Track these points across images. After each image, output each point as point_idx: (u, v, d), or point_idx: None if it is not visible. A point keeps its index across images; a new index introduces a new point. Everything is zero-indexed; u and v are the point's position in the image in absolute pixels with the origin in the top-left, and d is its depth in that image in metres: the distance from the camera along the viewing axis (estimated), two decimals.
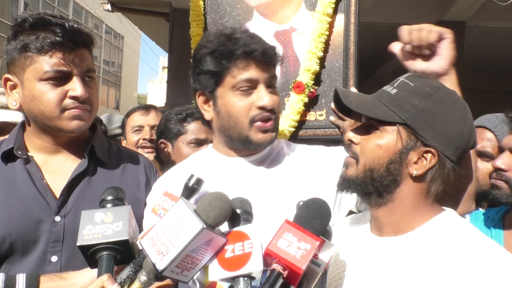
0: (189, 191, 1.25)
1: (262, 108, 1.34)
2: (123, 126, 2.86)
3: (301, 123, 2.02)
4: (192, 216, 0.96)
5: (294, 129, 1.98)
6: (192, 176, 1.27)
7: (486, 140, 1.94)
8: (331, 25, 1.97)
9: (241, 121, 1.35)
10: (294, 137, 2.01)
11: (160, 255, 0.95)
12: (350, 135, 1.17)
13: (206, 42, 1.39)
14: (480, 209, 2.03)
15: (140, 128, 2.68)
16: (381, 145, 1.09)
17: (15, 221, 1.33)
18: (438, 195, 1.12)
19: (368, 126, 1.14)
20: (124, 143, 2.83)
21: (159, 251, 0.96)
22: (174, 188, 1.29)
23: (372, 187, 1.11)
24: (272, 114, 1.35)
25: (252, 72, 1.34)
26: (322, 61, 1.97)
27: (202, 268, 1.03)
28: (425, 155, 1.07)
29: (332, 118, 1.93)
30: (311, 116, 2.00)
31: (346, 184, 1.15)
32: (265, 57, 1.34)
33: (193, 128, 2.16)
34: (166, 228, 0.98)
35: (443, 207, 1.15)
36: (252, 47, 1.34)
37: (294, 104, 1.96)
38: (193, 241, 0.93)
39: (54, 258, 1.37)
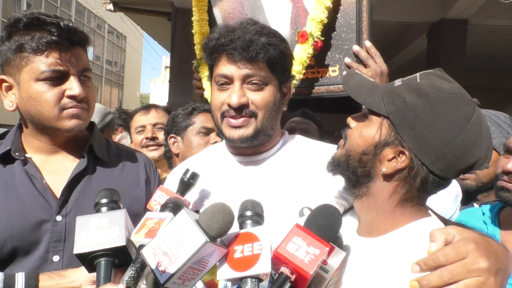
0: (184, 185, 1.25)
1: (229, 106, 1.30)
2: (128, 127, 2.92)
3: (314, 80, 1.93)
4: (195, 228, 0.94)
5: (298, 83, 1.89)
6: (187, 170, 1.26)
7: None
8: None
9: (215, 114, 1.38)
10: (307, 95, 1.95)
11: (162, 267, 0.93)
12: (349, 118, 1.15)
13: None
14: (475, 204, 2.03)
15: (142, 128, 2.70)
16: (362, 133, 1.08)
17: (15, 222, 1.32)
18: (412, 199, 1.06)
19: (365, 115, 1.12)
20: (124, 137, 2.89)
21: (161, 262, 0.94)
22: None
23: (348, 174, 1.10)
24: (239, 112, 1.30)
25: (223, 68, 1.31)
26: (330, 12, 1.85)
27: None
28: (400, 155, 1.02)
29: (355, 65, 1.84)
30: (324, 72, 1.92)
31: (331, 164, 1.16)
32: (236, 52, 1.27)
33: (200, 119, 2.26)
34: (169, 239, 0.96)
35: (429, 213, 1.10)
36: (221, 41, 1.30)
37: (297, 54, 1.85)
38: (195, 254, 0.92)
39: (56, 258, 1.35)
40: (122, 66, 34.70)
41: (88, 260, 1.07)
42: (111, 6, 8.21)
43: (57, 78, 1.35)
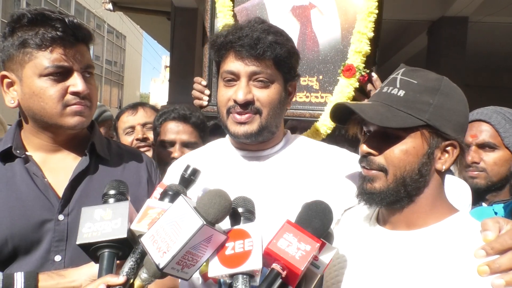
0: (185, 182, 1.25)
1: (235, 102, 1.32)
2: (115, 129, 2.77)
3: (317, 104, 1.94)
4: (192, 213, 0.94)
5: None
6: (188, 166, 1.26)
7: (484, 132, 1.91)
8: (380, 4, 1.87)
9: (221, 110, 1.39)
10: (309, 117, 1.95)
11: (161, 252, 0.94)
12: (367, 148, 1.13)
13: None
14: (484, 204, 2.02)
15: (131, 129, 2.55)
16: (409, 150, 1.08)
17: (17, 221, 1.30)
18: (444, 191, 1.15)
19: (381, 134, 1.11)
20: None
21: (160, 248, 0.94)
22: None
23: (405, 193, 1.10)
24: (244, 108, 1.32)
25: (230, 64, 1.34)
26: (372, 42, 1.86)
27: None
28: (446, 148, 1.10)
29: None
30: (328, 98, 1.95)
31: (373, 197, 1.11)
32: (243, 49, 1.30)
33: (163, 129, 2.08)
34: (167, 225, 0.97)
35: (455, 207, 1.16)
36: (229, 38, 1.32)
37: (343, 89, 1.87)
38: (193, 237, 0.92)
39: (57, 258, 1.34)
40: (122, 65, 34.71)
41: (92, 251, 1.06)
42: (110, 6, 8.21)
43: (60, 74, 1.33)
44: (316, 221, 1.00)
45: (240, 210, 1.05)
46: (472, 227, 1.05)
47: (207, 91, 1.97)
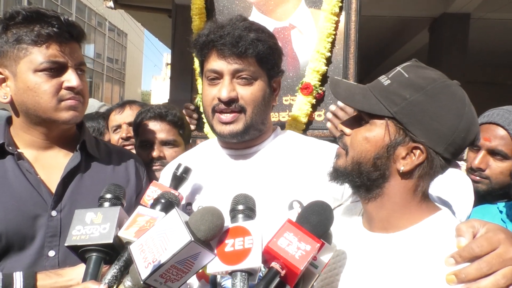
0: (177, 180, 1.28)
1: (219, 100, 1.33)
2: (106, 126, 2.77)
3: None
4: (182, 227, 0.94)
5: (301, 131, 1.94)
6: (179, 165, 1.29)
7: (498, 138, 1.78)
8: (337, 24, 1.91)
9: (206, 110, 1.39)
10: None
11: (146, 263, 0.94)
12: (341, 125, 1.15)
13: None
14: None
15: (118, 127, 2.55)
16: (369, 138, 1.07)
17: (11, 217, 1.33)
18: (426, 192, 1.09)
19: (359, 118, 1.12)
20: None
21: (146, 258, 0.94)
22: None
23: (360, 181, 1.09)
24: (228, 106, 1.33)
25: (213, 63, 1.34)
26: (329, 61, 1.91)
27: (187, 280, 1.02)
28: (413, 151, 1.04)
29: (329, 125, 1.85)
30: (310, 116, 1.97)
31: (335, 174, 1.14)
32: (225, 47, 1.30)
33: (141, 130, 2.05)
34: (156, 236, 0.97)
35: (438, 206, 1.12)
36: (210, 37, 1.32)
37: (302, 106, 1.93)
38: (179, 252, 0.91)
39: (51, 253, 1.37)
40: (123, 63, 34.72)
41: (80, 253, 1.07)
42: (111, 3, 8.18)
43: (55, 70, 1.37)
44: (313, 217, 1.01)
45: (240, 207, 1.05)
46: (450, 229, 1.00)
47: (195, 115, 1.98)
